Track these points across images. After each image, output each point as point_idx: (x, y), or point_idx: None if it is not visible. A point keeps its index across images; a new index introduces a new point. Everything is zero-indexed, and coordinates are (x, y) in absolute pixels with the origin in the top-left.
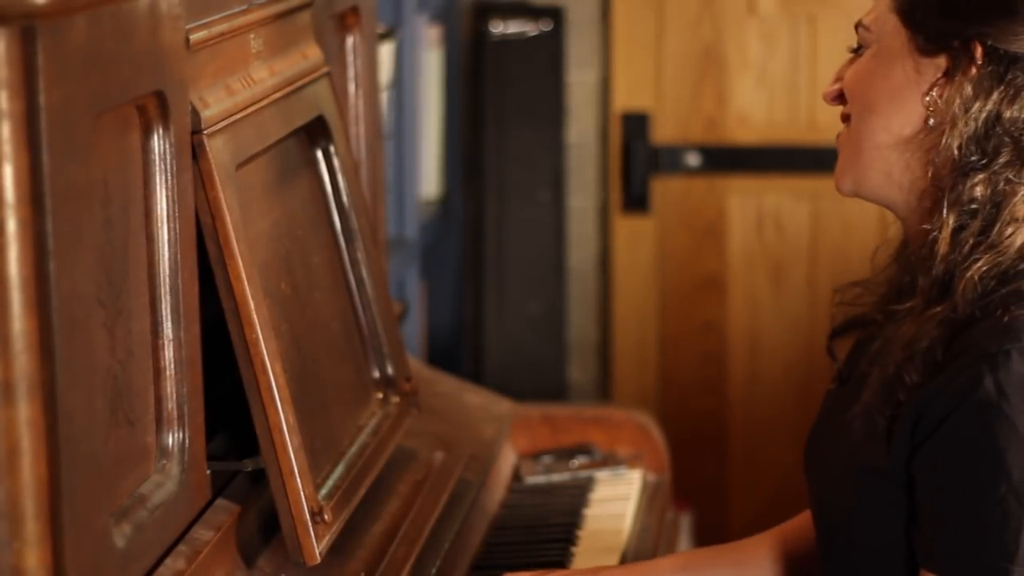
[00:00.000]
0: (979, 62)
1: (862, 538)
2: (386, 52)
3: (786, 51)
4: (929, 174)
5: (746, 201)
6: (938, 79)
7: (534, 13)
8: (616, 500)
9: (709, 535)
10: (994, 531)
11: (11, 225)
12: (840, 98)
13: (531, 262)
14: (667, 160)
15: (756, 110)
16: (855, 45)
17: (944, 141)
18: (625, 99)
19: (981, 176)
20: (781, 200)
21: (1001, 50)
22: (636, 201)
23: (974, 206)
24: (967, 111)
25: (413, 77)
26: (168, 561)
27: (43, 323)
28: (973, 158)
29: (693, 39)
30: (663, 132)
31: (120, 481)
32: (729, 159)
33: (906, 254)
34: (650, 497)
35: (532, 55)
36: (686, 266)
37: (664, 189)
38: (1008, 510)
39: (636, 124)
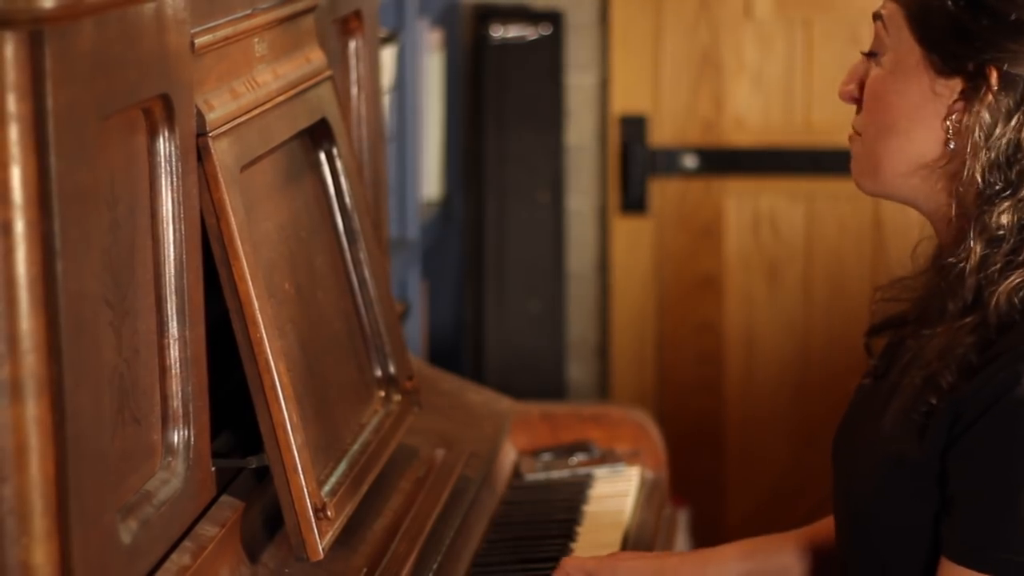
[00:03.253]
0: (995, 87)
1: (886, 526)
2: (388, 56)
3: (782, 55)
4: (953, 199)
5: (742, 202)
6: (955, 102)
7: (534, 17)
8: (615, 497)
9: (706, 531)
10: (1019, 528)
11: (19, 226)
12: (856, 100)
13: (531, 263)
14: (665, 162)
15: (752, 113)
16: (869, 46)
17: (967, 172)
18: (623, 102)
19: (1007, 204)
20: (777, 201)
21: (1017, 75)
22: (634, 202)
23: (1001, 233)
24: (987, 139)
25: (415, 80)
26: (174, 556)
27: (50, 323)
28: (998, 187)
29: (690, 43)
30: (661, 135)
31: (126, 478)
32: (726, 161)
33: (938, 265)
34: (648, 494)
35: (532, 59)
36: (683, 266)
37: (662, 191)
38: None
39: (634, 127)
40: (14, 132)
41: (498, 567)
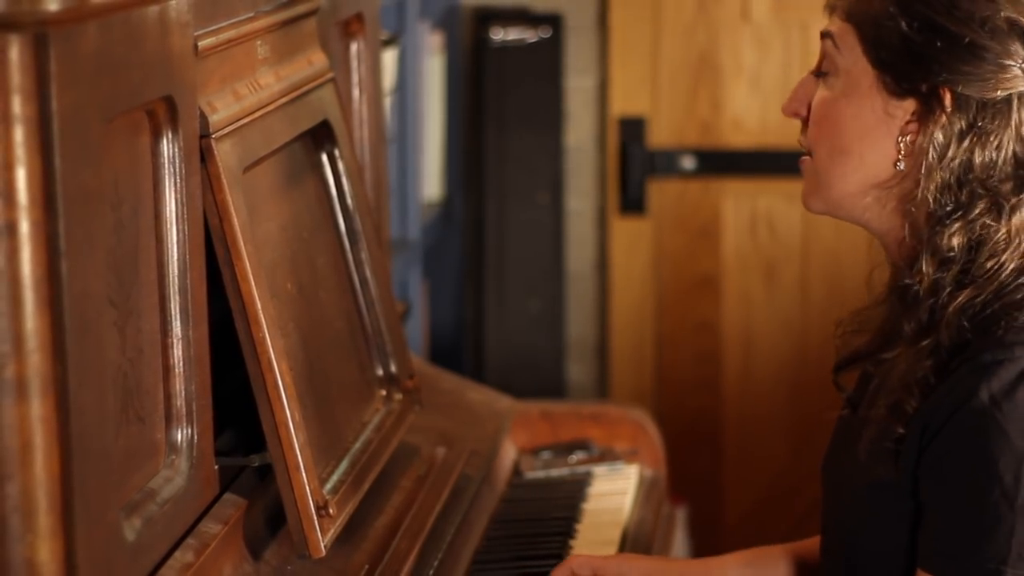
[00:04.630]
0: (948, 109)
1: (871, 553)
2: (389, 58)
3: (779, 57)
4: (905, 220)
5: (740, 203)
6: (909, 123)
7: (534, 20)
8: (613, 494)
9: (704, 529)
10: (987, 534)
11: (24, 227)
12: (801, 116)
13: (531, 263)
14: (663, 163)
15: (750, 115)
16: (816, 65)
17: (920, 192)
18: (622, 104)
19: (957, 225)
20: (774, 202)
21: (969, 96)
22: (633, 203)
23: (952, 254)
24: (940, 159)
25: (415, 82)
26: (177, 554)
27: (55, 322)
28: (948, 207)
29: (688, 46)
30: (659, 136)
31: (130, 476)
32: (723, 162)
33: (894, 289)
34: (647, 491)
35: (531, 61)
36: (682, 267)
37: (660, 192)
38: (1000, 514)
39: (633, 128)
40: (19, 133)
41: (498, 564)
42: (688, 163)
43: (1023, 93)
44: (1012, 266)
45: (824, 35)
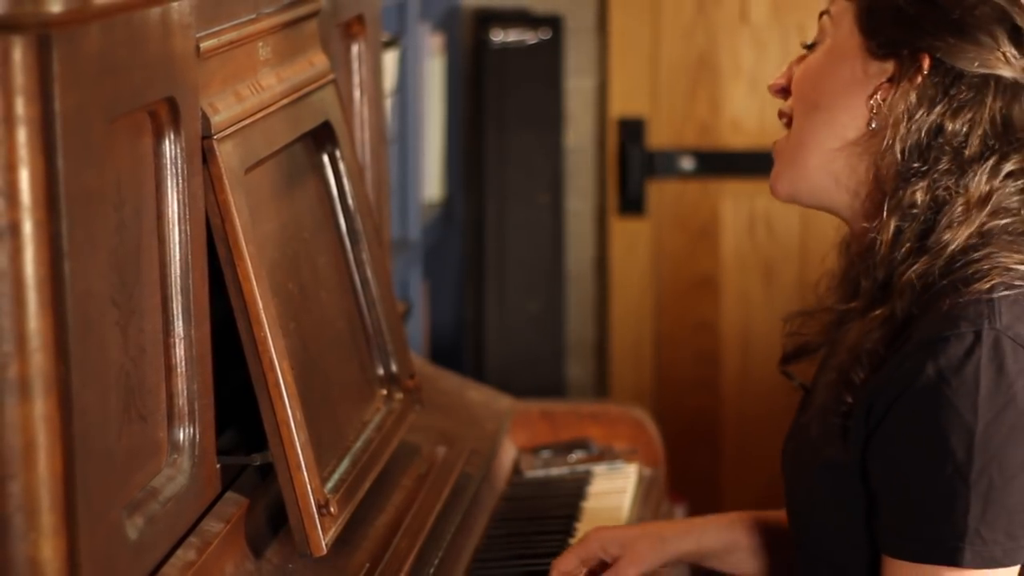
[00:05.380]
0: (925, 72)
1: (831, 530)
2: (390, 60)
3: (777, 59)
4: (872, 177)
5: (738, 204)
6: (883, 83)
7: (533, 22)
8: (613, 493)
9: None
10: (943, 511)
11: (27, 227)
12: (784, 92)
13: (530, 263)
14: (662, 164)
15: (748, 116)
16: (810, 41)
17: (886, 145)
18: (621, 105)
19: (922, 183)
20: (772, 203)
21: (948, 64)
22: (632, 204)
23: (914, 211)
24: (910, 118)
25: (416, 84)
26: (179, 552)
27: (58, 322)
28: (915, 164)
29: (687, 47)
30: (658, 137)
31: (133, 475)
32: (722, 163)
33: (849, 256)
34: (646, 490)
35: (531, 62)
36: (680, 267)
37: (659, 192)
38: (955, 490)
39: (632, 129)
40: (22, 134)
41: (498, 562)
42: (687, 164)
43: (1000, 79)
44: (962, 240)
45: (822, 13)
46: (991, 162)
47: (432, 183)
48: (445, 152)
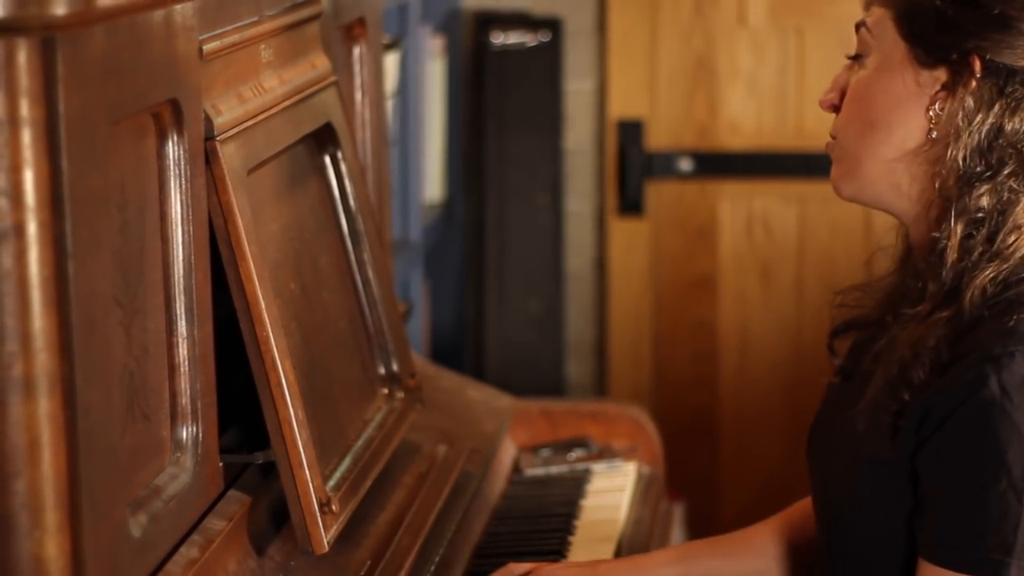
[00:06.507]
0: (978, 75)
1: (865, 527)
2: (391, 62)
3: (775, 61)
4: (936, 185)
5: (736, 205)
6: (939, 92)
7: (533, 24)
8: (612, 491)
9: (701, 525)
10: (993, 525)
11: (32, 228)
12: (835, 107)
13: (530, 263)
14: (661, 165)
15: (746, 117)
16: (853, 52)
17: (949, 153)
18: (620, 107)
19: (987, 187)
20: (770, 204)
21: (999, 63)
22: (631, 205)
23: (980, 215)
24: (970, 124)
25: (417, 86)
26: (182, 550)
27: (62, 322)
28: (978, 169)
29: (686, 49)
30: (657, 139)
31: (136, 473)
32: (720, 164)
33: (911, 261)
34: (644, 489)
35: (531, 65)
36: (679, 267)
37: (658, 193)
38: (1008, 505)
39: (631, 131)
40: (27, 136)
41: (498, 560)
42: (685, 165)
43: None
44: None
45: (859, 25)
46: None
47: (433, 184)
48: (446, 153)
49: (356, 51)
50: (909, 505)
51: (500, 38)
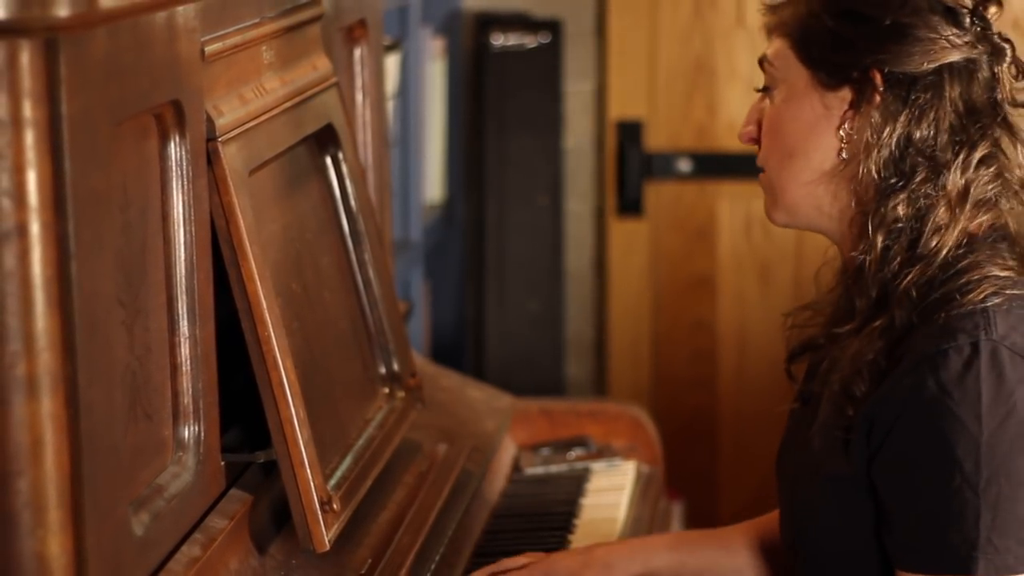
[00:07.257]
0: (880, 89)
1: (833, 545)
2: (392, 63)
3: None
4: (853, 201)
5: (735, 205)
6: (847, 111)
7: (533, 26)
8: (611, 490)
9: (700, 523)
10: (955, 522)
11: (35, 228)
12: (755, 139)
13: (530, 263)
14: (660, 166)
15: (744, 118)
16: (762, 85)
17: (862, 169)
18: (620, 108)
19: (902, 196)
20: None
21: (899, 73)
22: (630, 205)
23: (899, 224)
24: (879, 137)
25: (418, 87)
26: (184, 548)
27: (65, 321)
28: (892, 180)
29: (684, 51)
30: (656, 139)
31: (138, 472)
32: (719, 165)
33: (846, 276)
34: (644, 487)
35: (531, 66)
36: (678, 267)
37: (657, 194)
38: (965, 501)
39: (630, 132)
40: (30, 137)
41: (498, 558)
42: (684, 166)
43: (952, 65)
44: (951, 243)
45: (761, 60)
46: (962, 156)
47: (433, 185)
48: (446, 154)
49: (357, 52)
50: (872, 519)
51: (500, 39)
